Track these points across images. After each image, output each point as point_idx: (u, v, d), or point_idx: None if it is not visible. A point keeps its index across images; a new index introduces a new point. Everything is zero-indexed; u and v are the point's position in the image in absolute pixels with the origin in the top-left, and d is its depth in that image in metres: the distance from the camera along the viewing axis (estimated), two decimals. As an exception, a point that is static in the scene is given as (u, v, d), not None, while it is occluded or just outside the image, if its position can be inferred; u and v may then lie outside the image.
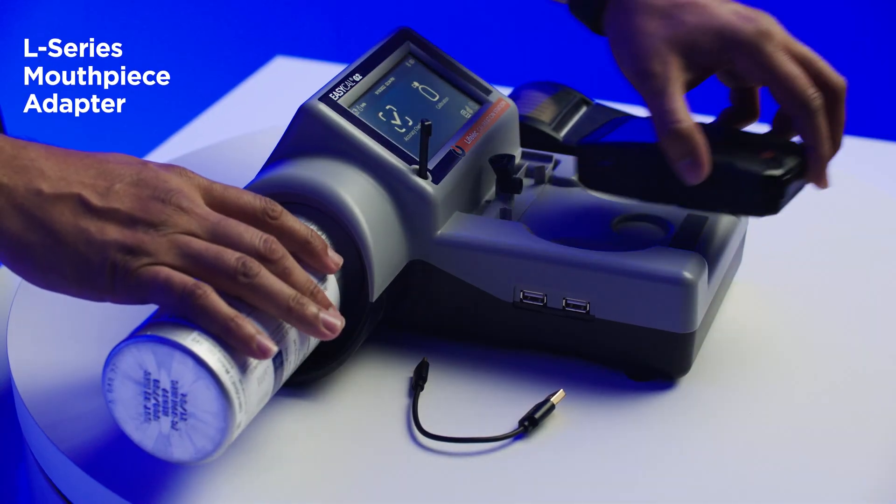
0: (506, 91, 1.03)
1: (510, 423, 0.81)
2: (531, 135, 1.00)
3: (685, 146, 0.81)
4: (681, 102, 0.82)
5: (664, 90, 0.82)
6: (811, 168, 0.83)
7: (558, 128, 1.02)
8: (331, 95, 0.85)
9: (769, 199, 0.82)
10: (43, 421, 0.80)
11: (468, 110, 0.93)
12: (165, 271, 0.70)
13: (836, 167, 1.12)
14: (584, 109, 1.05)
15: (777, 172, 0.82)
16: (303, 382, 0.83)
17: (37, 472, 0.83)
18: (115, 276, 0.70)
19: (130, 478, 0.76)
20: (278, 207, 0.75)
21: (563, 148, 0.99)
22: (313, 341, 0.79)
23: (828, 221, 1.04)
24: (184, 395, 0.71)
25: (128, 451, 0.74)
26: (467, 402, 0.83)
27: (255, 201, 0.74)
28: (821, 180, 0.84)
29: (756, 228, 0.97)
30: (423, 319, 0.87)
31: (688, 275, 0.81)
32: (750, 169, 0.82)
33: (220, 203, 0.74)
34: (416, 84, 0.92)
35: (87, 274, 0.70)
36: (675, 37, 0.83)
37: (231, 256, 0.71)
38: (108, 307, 0.74)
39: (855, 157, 1.30)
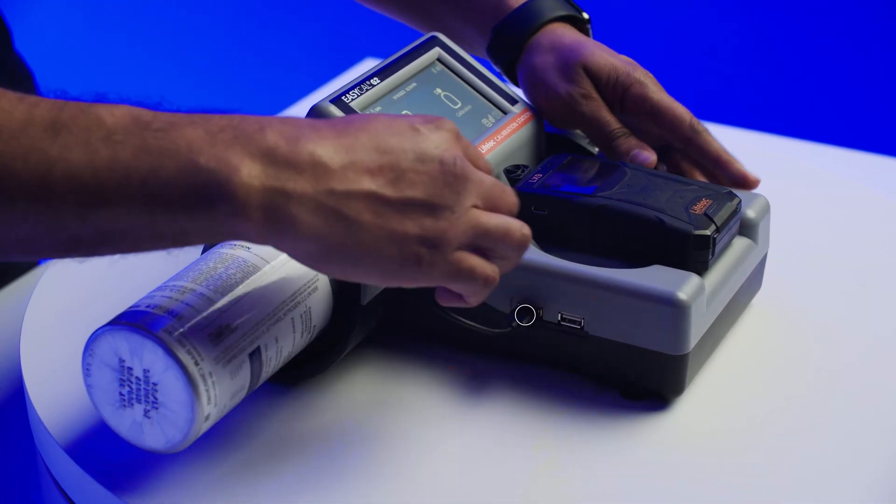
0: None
1: (500, 431, 0.81)
2: (567, 147, 0.99)
3: (631, 141, 0.93)
4: (610, 115, 0.94)
5: (599, 107, 0.94)
6: (729, 177, 0.92)
7: (594, 142, 1.01)
8: (343, 98, 0.86)
9: (698, 258, 0.83)
10: (54, 427, 0.81)
11: (490, 119, 0.93)
12: (467, 263, 0.72)
13: (876, 190, 1.10)
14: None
15: (707, 231, 0.82)
16: (293, 379, 0.84)
17: (46, 477, 0.85)
18: (421, 268, 0.70)
19: (134, 481, 0.77)
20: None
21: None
22: (300, 341, 0.80)
23: (861, 248, 1.01)
24: (155, 384, 0.72)
25: (130, 453, 0.77)
26: (458, 409, 0.83)
27: (487, 164, 0.76)
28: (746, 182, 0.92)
29: (783, 253, 0.95)
30: (419, 325, 0.87)
31: (682, 296, 0.80)
32: (679, 227, 0.82)
33: (472, 161, 0.74)
34: (438, 90, 0.92)
35: (393, 268, 0.70)
36: (586, 63, 0.94)
37: (516, 231, 0.74)
38: (119, 308, 0.75)
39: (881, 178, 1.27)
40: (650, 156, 0.92)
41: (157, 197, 0.65)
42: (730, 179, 0.92)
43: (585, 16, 0.99)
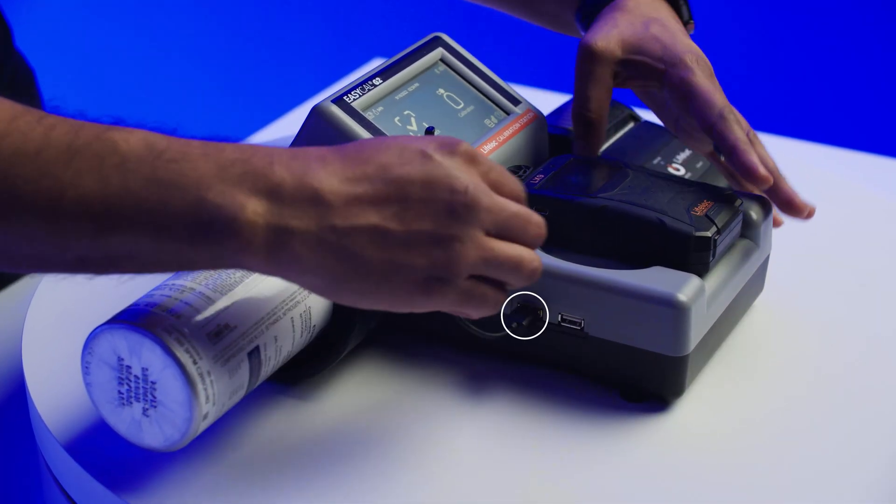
0: (561, 98, 1.02)
1: (500, 431, 0.81)
2: (570, 148, 0.99)
3: (586, 132, 0.92)
4: (602, 93, 0.91)
5: (593, 76, 0.91)
6: (747, 175, 0.85)
7: (598, 142, 1.01)
8: (345, 98, 0.86)
9: (699, 259, 0.83)
10: (54, 426, 0.81)
11: (493, 120, 0.93)
12: (477, 291, 0.71)
13: (876, 190, 1.10)
14: (630, 126, 1.04)
15: (708, 233, 0.82)
16: (293, 378, 0.84)
17: (47, 475, 0.85)
18: (431, 297, 0.70)
19: (134, 479, 0.77)
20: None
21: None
22: (299, 341, 0.80)
23: (861, 248, 1.01)
24: (153, 383, 0.72)
25: (130, 452, 0.77)
26: (458, 410, 0.83)
27: (516, 187, 0.74)
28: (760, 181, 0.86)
29: (783, 254, 0.95)
30: (419, 325, 0.87)
31: (682, 297, 0.80)
32: (680, 228, 0.82)
33: (494, 185, 0.73)
34: (441, 91, 0.92)
35: (403, 298, 0.70)
36: (632, 31, 0.91)
37: (528, 264, 0.72)
38: (119, 307, 0.75)
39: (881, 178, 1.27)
40: (586, 153, 0.92)
41: (165, 228, 0.66)
42: (740, 169, 0.86)
43: None
